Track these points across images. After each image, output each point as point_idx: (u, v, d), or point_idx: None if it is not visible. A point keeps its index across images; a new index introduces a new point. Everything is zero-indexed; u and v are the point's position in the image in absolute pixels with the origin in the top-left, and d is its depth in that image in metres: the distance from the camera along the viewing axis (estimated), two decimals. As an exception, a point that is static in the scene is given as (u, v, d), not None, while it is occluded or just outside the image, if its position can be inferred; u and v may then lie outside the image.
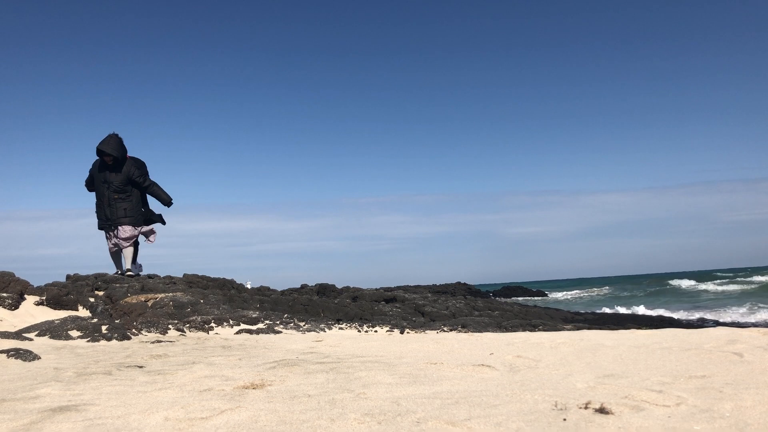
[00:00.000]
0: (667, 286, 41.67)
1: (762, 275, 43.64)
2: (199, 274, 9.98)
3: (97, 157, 8.82)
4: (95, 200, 8.94)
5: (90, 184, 9.11)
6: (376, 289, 13.65)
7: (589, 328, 8.37)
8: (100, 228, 8.90)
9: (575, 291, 46.80)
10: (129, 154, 9.03)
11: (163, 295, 6.77)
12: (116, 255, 8.92)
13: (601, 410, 1.83)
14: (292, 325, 6.17)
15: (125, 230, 8.75)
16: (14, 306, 5.59)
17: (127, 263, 8.84)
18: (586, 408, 1.87)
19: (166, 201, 8.98)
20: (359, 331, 6.55)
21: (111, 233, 8.75)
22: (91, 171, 9.09)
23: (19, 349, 3.38)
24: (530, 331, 7.47)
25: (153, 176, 9.09)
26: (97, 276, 8.35)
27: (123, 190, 8.73)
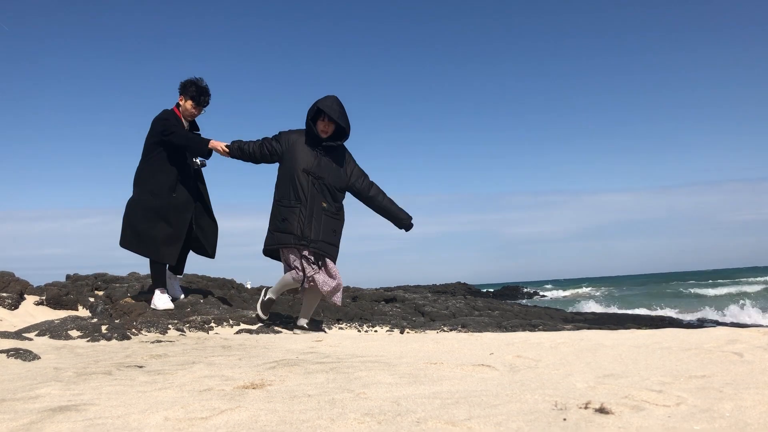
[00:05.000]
0: (668, 287, 41.66)
1: (763, 275, 43.61)
2: (199, 274, 9.96)
3: (301, 128, 5.19)
4: (277, 194, 5.10)
5: (266, 154, 5.19)
6: (376, 289, 13.64)
7: (589, 328, 8.36)
8: (276, 243, 5.07)
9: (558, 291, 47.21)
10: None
11: (163, 295, 6.76)
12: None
13: (601, 410, 1.83)
14: (291, 324, 6.16)
15: (335, 276, 5.13)
16: (14, 306, 5.59)
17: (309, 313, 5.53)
18: (586, 408, 1.87)
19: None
20: (359, 330, 6.55)
21: (305, 255, 5.03)
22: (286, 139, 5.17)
23: (19, 349, 3.38)
24: (530, 331, 7.46)
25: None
26: (96, 276, 8.33)
27: (341, 194, 5.19)
